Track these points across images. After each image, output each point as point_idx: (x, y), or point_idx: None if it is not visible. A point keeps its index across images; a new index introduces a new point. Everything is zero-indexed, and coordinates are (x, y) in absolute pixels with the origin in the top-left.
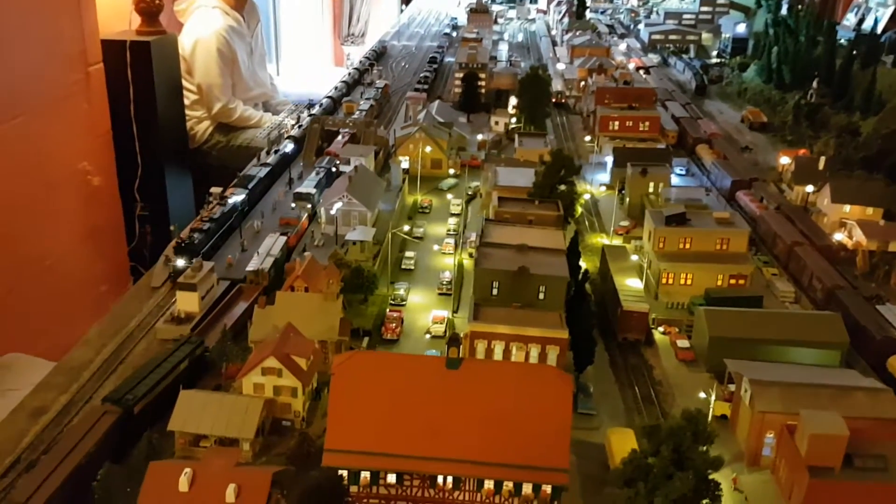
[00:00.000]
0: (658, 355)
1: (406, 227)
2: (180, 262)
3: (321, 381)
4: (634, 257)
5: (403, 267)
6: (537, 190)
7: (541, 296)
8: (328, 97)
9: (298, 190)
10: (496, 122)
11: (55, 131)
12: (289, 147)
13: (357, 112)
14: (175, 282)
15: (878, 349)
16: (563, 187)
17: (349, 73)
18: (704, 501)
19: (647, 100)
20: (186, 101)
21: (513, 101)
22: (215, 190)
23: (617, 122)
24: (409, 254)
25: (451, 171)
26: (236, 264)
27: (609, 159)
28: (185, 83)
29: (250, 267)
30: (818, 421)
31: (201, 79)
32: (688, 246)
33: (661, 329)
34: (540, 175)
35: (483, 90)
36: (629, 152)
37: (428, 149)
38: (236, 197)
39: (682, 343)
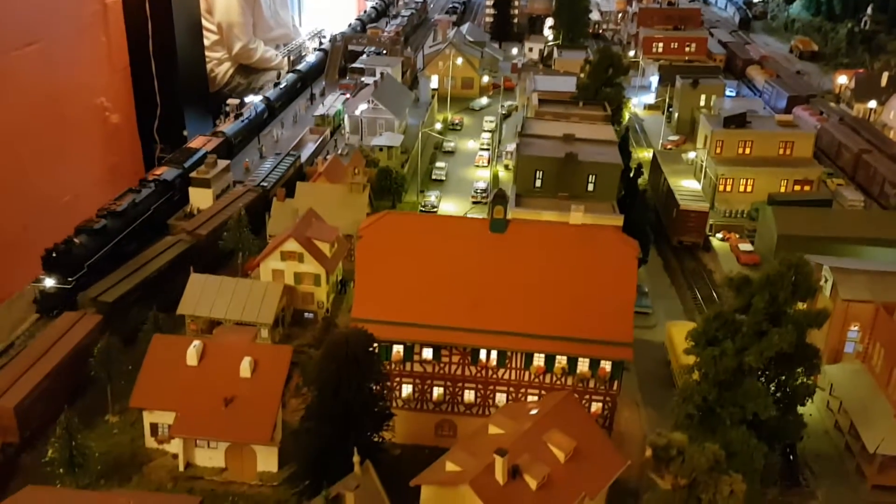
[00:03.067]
0: (717, 260)
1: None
2: (48, 282)
3: (347, 277)
4: (692, 154)
5: (434, 178)
6: (581, 92)
7: (590, 186)
8: (358, 19)
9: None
10: (530, 49)
11: (72, 63)
12: (309, 61)
13: (384, 33)
14: (41, 308)
15: None
16: (609, 89)
17: (377, 3)
18: (799, 370)
19: (694, 20)
20: (206, 42)
21: (548, 22)
22: (232, 101)
23: (661, 44)
24: (439, 164)
25: (484, 98)
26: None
27: (654, 78)
28: (204, 23)
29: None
30: None
31: (222, 17)
32: (748, 151)
33: (719, 235)
34: (585, 75)
35: (516, 18)
36: (676, 69)
37: (459, 60)
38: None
39: (745, 247)
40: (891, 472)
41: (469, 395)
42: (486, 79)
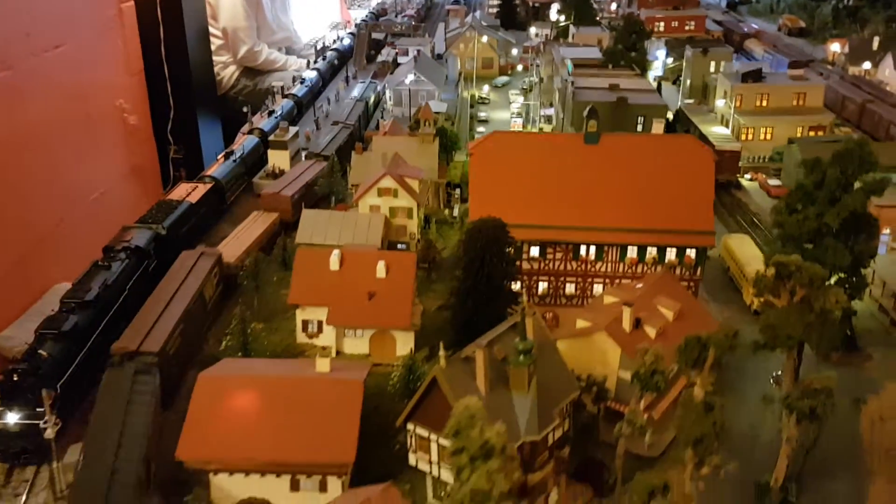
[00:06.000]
0: (749, 196)
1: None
2: (10, 418)
3: (428, 214)
4: (720, 102)
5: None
6: (608, 56)
7: (639, 127)
8: (371, 12)
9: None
10: (536, 34)
11: (94, 65)
12: (338, 48)
13: (402, 18)
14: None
15: None
16: (634, 54)
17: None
18: (863, 237)
19: (691, 0)
20: (212, 47)
21: (555, 7)
22: (277, 84)
23: (662, 23)
24: (480, 129)
25: (504, 77)
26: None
27: (661, 52)
28: (210, 28)
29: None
30: None
31: (227, 22)
32: (765, 103)
33: (747, 176)
34: (612, 40)
35: (519, 6)
36: (683, 42)
37: (485, 38)
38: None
39: (774, 182)
40: None
41: (570, 289)
42: (507, 57)
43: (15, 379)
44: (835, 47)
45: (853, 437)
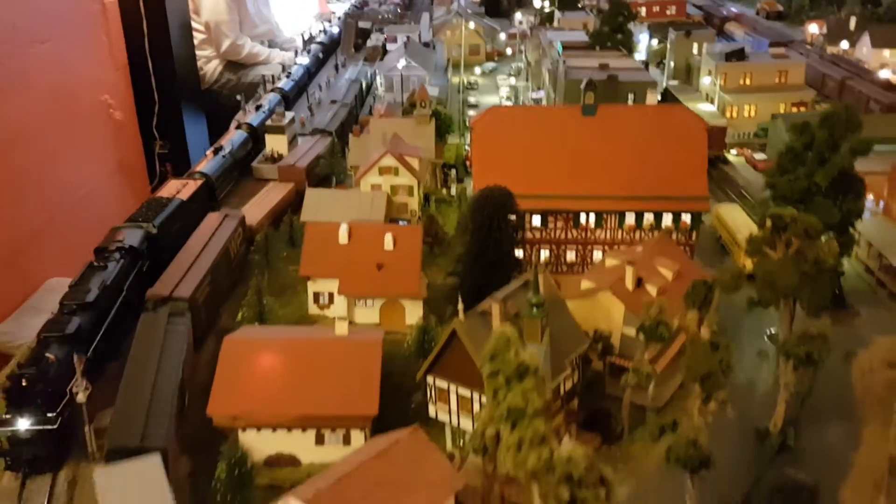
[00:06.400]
0: (736, 170)
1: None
2: (22, 424)
3: (427, 192)
4: (705, 80)
5: (469, 126)
6: (595, 39)
7: (630, 103)
8: (353, 4)
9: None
10: (520, 22)
11: (79, 60)
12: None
13: (387, 6)
14: (15, 463)
15: None
16: (621, 35)
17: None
18: (850, 196)
19: None
20: (195, 41)
21: None
22: (268, 73)
23: (644, 8)
24: (470, 112)
25: (491, 63)
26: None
27: (643, 36)
28: (192, 23)
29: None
30: None
31: (209, 16)
32: (749, 81)
33: (733, 152)
34: (598, 22)
35: None
36: (665, 25)
37: (472, 24)
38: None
39: (760, 156)
40: None
41: (570, 256)
42: (494, 44)
43: (23, 385)
44: (812, 28)
45: (845, 387)
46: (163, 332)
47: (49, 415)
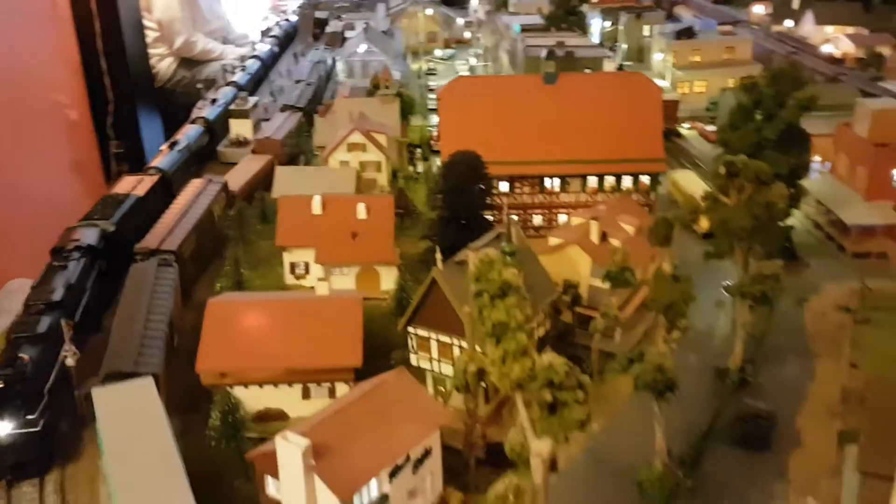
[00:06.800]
0: (689, 142)
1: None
2: (3, 429)
3: (395, 169)
4: (657, 56)
5: (430, 107)
6: (550, 20)
7: None
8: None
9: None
10: (475, 10)
11: (31, 61)
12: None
13: None
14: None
15: None
16: (574, 17)
17: None
18: (797, 150)
19: None
20: (147, 40)
21: None
22: (230, 61)
23: None
24: (431, 95)
25: (448, 50)
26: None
27: (595, 20)
28: (144, 21)
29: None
30: (875, 103)
31: (161, 14)
32: (698, 58)
33: (686, 125)
34: (553, 5)
35: None
36: (616, 10)
37: (430, 11)
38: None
39: (711, 128)
40: (864, 242)
41: (537, 220)
42: (450, 31)
43: (1, 386)
44: (757, 9)
45: (799, 329)
46: (152, 278)
47: (29, 417)
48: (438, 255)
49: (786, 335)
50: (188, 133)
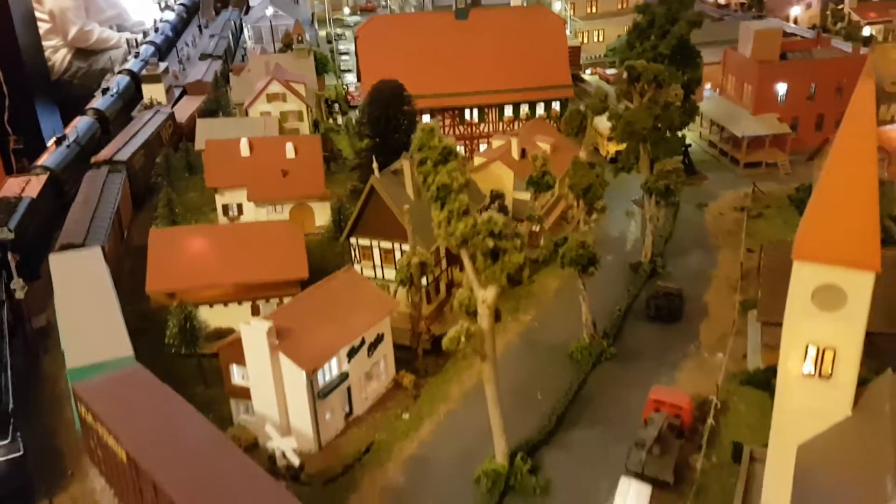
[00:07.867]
0: (591, 85)
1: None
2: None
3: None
4: (557, 6)
5: (343, 68)
6: None
7: None
8: None
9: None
10: None
11: None
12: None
13: None
14: None
15: None
16: None
17: None
18: (690, 66)
19: None
20: (40, 31)
21: None
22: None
23: None
24: (344, 58)
25: (356, 16)
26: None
27: None
28: (35, 12)
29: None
30: (757, 24)
31: (53, 4)
32: (595, 9)
33: (588, 72)
34: None
35: None
36: None
37: None
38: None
39: (610, 71)
40: (754, 152)
41: (459, 151)
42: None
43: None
44: None
45: (701, 227)
46: (103, 181)
47: (4, 441)
48: (375, 165)
49: (690, 234)
50: (77, 126)
